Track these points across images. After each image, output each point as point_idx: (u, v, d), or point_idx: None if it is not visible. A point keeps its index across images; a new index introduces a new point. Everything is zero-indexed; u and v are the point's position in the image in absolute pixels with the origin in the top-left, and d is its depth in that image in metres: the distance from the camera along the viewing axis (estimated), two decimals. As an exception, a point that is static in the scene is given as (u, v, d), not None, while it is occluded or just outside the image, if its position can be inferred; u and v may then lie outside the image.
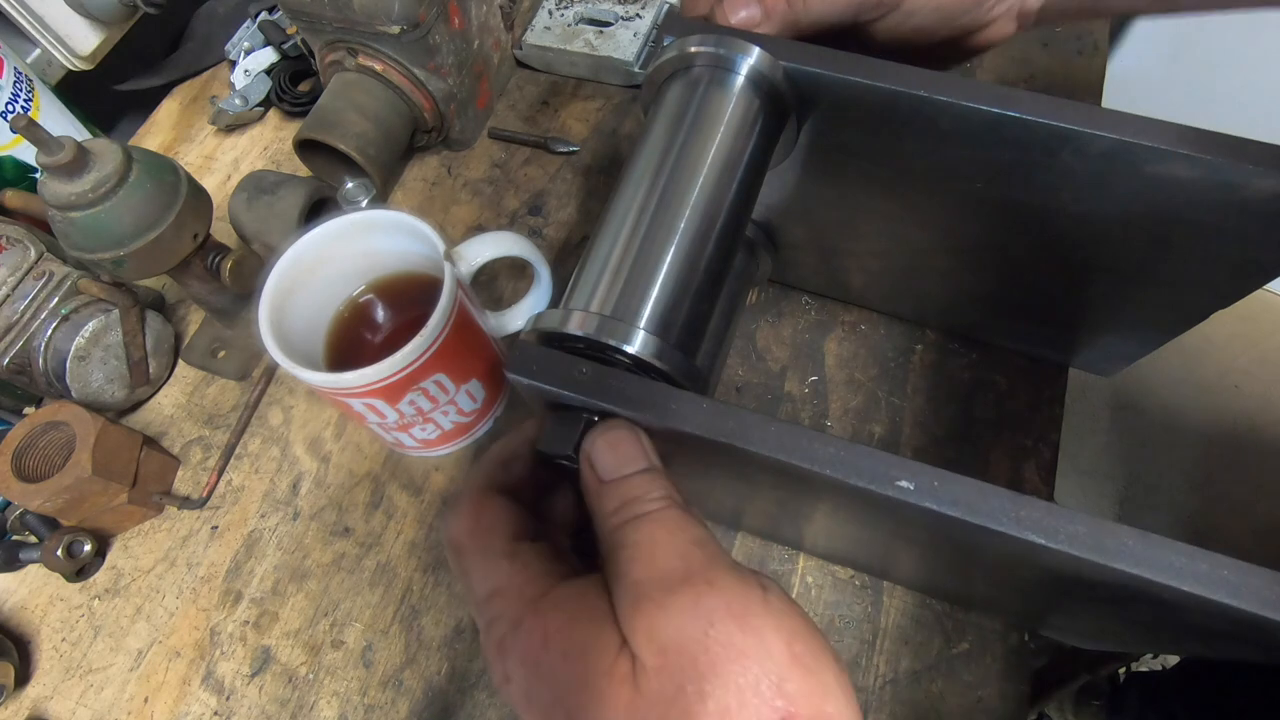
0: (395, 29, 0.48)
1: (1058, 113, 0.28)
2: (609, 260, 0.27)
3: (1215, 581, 0.20)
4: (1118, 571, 0.21)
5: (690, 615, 0.19)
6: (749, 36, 0.30)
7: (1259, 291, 0.33)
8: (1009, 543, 0.22)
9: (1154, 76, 1.13)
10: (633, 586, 0.20)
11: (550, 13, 0.60)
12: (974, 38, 0.35)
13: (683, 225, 0.27)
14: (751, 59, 0.29)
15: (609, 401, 0.24)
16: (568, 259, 0.53)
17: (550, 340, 0.26)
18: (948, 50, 0.36)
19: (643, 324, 0.25)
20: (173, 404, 0.51)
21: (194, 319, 0.54)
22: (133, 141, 0.64)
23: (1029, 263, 0.37)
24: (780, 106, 0.31)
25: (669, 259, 0.26)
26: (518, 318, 0.45)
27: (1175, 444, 1.14)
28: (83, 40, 0.58)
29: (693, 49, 0.30)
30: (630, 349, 0.24)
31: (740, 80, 0.29)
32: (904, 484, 0.22)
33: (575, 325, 0.25)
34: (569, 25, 0.60)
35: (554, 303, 0.35)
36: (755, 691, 0.18)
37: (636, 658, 0.19)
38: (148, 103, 0.66)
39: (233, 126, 0.62)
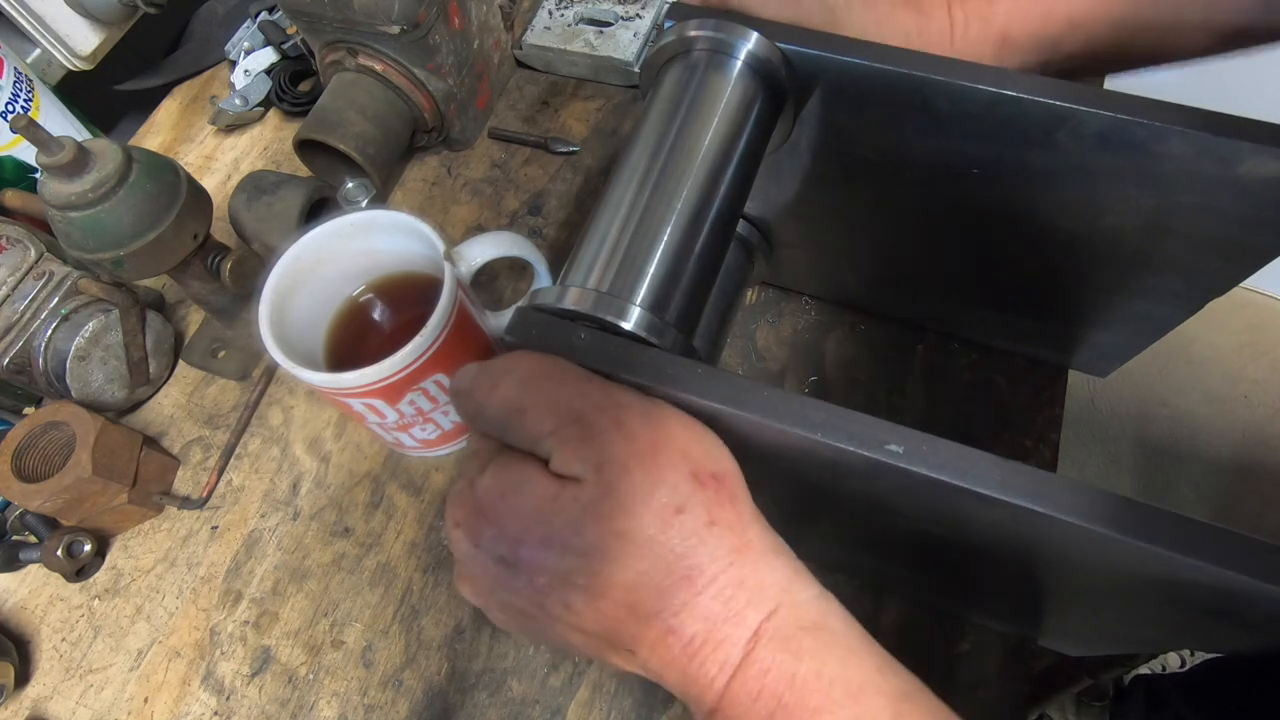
0: (395, 29, 0.48)
1: (1054, 91, 0.28)
2: (606, 239, 0.27)
3: (1198, 546, 0.20)
4: (1105, 536, 0.20)
5: (613, 434, 0.23)
6: (748, 21, 0.30)
7: (1268, 300, 0.33)
8: (997, 508, 0.22)
9: (1154, 76, 1.13)
10: (550, 436, 0.23)
11: (550, 13, 0.60)
12: None
13: (679, 206, 0.27)
14: (749, 43, 0.29)
15: (607, 367, 0.24)
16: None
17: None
18: None
19: (639, 301, 0.25)
20: (173, 404, 0.51)
21: (194, 319, 0.54)
22: (133, 141, 0.64)
23: (1024, 254, 0.37)
24: (778, 90, 0.31)
25: (665, 239, 0.26)
26: (518, 318, 0.45)
27: (1184, 455, 1.13)
28: (83, 40, 0.59)
29: (691, 32, 0.30)
30: (626, 325, 0.25)
31: (738, 64, 0.30)
32: (893, 447, 0.22)
33: (571, 301, 0.25)
34: (569, 25, 0.60)
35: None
36: (669, 462, 0.23)
37: (576, 479, 0.23)
38: (148, 103, 0.66)
39: (233, 126, 0.62)
